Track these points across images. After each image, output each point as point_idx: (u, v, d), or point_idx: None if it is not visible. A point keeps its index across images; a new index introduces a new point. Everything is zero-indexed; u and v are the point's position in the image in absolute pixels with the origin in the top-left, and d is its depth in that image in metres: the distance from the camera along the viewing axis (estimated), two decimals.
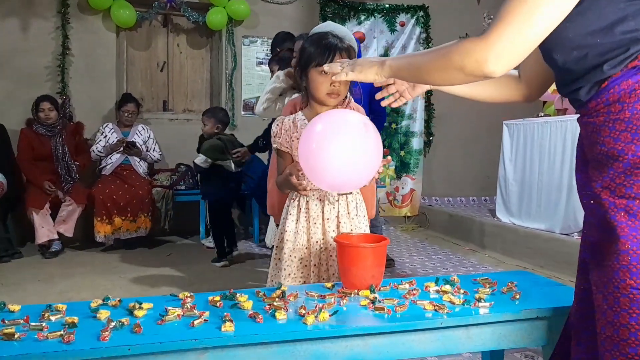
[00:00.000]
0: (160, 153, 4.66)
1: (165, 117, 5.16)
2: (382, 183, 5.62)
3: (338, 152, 1.33)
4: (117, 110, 4.58)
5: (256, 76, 5.26)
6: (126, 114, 4.50)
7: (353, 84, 3.61)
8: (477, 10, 5.82)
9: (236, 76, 5.17)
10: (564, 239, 3.67)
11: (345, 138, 1.34)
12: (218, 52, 5.23)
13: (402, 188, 5.68)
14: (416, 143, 5.69)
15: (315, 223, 1.55)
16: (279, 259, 1.61)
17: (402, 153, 5.69)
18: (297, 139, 1.57)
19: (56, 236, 4.03)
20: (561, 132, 3.85)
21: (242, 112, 5.22)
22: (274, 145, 1.61)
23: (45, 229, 3.96)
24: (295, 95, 2.39)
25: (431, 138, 5.81)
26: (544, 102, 4.79)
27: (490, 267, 3.76)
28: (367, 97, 3.70)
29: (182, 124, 5.16)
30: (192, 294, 1.32)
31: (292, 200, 1.59)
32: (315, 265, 1.57)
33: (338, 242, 1.41)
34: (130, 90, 4.99)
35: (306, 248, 1.58)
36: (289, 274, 1.56)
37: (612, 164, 0.97)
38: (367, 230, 1.67)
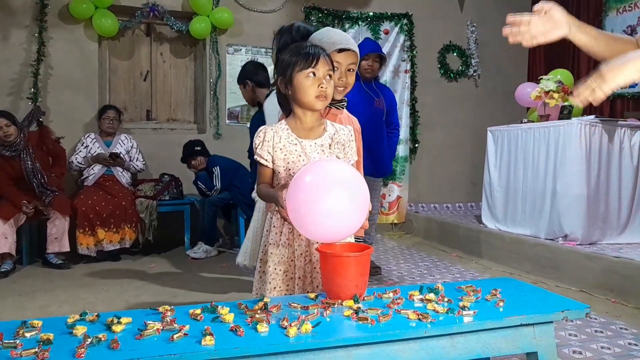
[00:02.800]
0: (143, 163, 4.61)
1: (148, 127, 5.11)
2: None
3: (326, 210, 1.32)
4: (98, 119, 4.52)
5: None
6: (107, 121, 4.43)
7: (376, 94, 3.65)
8: (460, 18, 5.90)
9: (220, 85, 5.15)
10: (549, 244, 3.69)
11: (334, 197, 1.34)
12: (202, 60, 5.21)
13: (389, 195, 5.69)
14: (402, 150, 5.71)
15: (299, 235, 1.53)
16: (264, 272, 1.58)
17: None
18: (281, 149, 1.55)
19: (11, 252, 3.76)
20: (544, 137, 3.89)
21: (227, 121, 5.20)
22: (255, 157, 1.59)
23: (8, 240, 3.73)
24: None
25: (417, 145, 5.83)
26: (528, 109, 4.84)
27: (477, 274, 3.77)
28: (386, 108, 3.73)
29: (166, 133, 5.12)
30: (172, 307, 1.30)
31: (275, 212, 1.57)
32: (299, 277, 1.55)
33: (321, 252, 1.39)
34: (112, 99, 4.94)
35: (291, 260, 1.56)
36: (274, 287, 1.53)
37: None
38: (352, 240, 1.65)
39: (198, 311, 1.27)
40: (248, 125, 5.16)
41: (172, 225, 4.68)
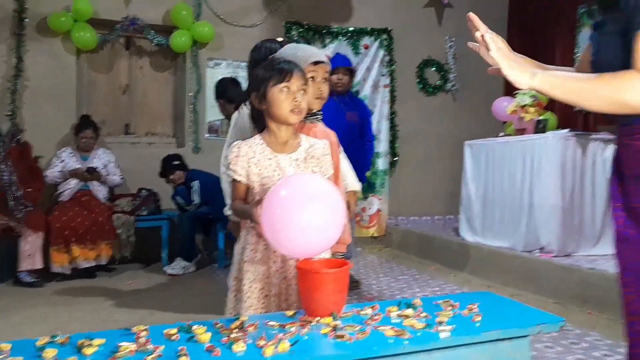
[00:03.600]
0: (121, 177, 4.55)
1: (127, 141, 5.06)
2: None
3: (302, 225, 1.32)
4: (74, 135, 4.45)
5: None
6: (83, 140, 4.37)
7: (349, 108, 3.66)
8: (438, 33, 6.00)
9: (200, 98, 5.13)
10: (526, 256, 3.74)
11: (309, 212, 1.33)
12: (182, 74, 5.19)
13: (369, 208, 5.71)
14: (382, 163, 5.75)
15: (274, 251, 1.52)
16: (239, 290, 1.56)
17: (367, 173, 5.72)
18: (255, 164, 1.55)
19: None
20: (520, 151, 3.96)
21: (206, 135, 5.17)
22: (229, 172, 1.58)
23: None
24: None
25: (396, 158, 5.88)
26: (504, 122, 4.93)
27: (456, 287, 3.79)
28: (360, 121, 3.78)
29: (145, 147, 5.07)
30: (146, 327, 1.27)
31: (250, 229, 1.56)
32: (275, 295, 1.53)
33: (299, 268, 1.38)
34: (91, 113, 4.87)
35: (267, 277, 1.54)
36: (250, 306, 1.52)
37: None
38: (329, 255, 1.65)
39: (173, 331, 1.24)
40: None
41: (150, 241, 4.61)
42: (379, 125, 5.73)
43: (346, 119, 3.66)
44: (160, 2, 4.92)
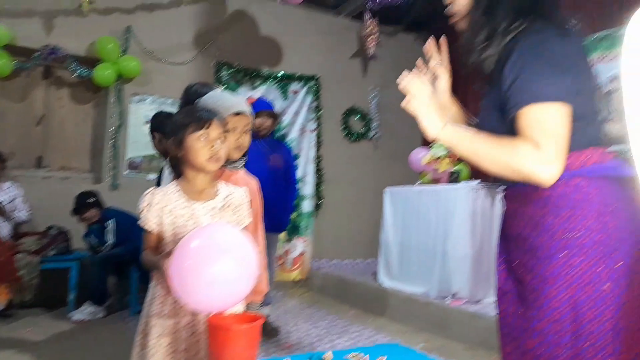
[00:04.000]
0: (28, 213, 4.25)
1: (38, 175, 4.76)
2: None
3: (211, 279, 1.29)
4: None
5: (144, 134, 5.08)
6: None
7: (271, 151, 3.62)
8: (363, 83, 6.29)
9: (121, 134, 4.97)
10: (439, 302, 3.89)
11: (220, 265, 1.30)
12: (104, 108, 5.02)
13: (293, 251, 5.71)
14: (307, 206, 5.82)
15: (182, 306, 1.49)
16: (144, 345, 1.50)
17: (293, 215, 5.77)
18: (169, 213, 1.52)
19: None
20: (435, 200, 4.17)
21: (126, 171, 4.99)
22: (140, 222, 1.54)
23: None
24: None
25: (321, 201, 5.97)
26: (421, 172, 5.18)
27: (372, 333, 3.84)
28: (284, 165, 3.78)
29: (58, 182, 4.79)
30: None
31: (158, 280, 1.52)
32: (184, 350, 1.48)
33: (209, 324, 1.35)
34: None
35: (175, 332, 1.49)
36: None
37: (522, 244, 1.20)
38: (242, 307, 1.63)
39: None
40: (148, 176, 5.01)
41: (56, 284, 4.29)
42: (305, 168, 5.83)
43: (269, 162, 3.69)
44: (86, 33, 4.79)
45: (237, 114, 1.79)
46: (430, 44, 1.45)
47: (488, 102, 1.29)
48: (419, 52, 6.36)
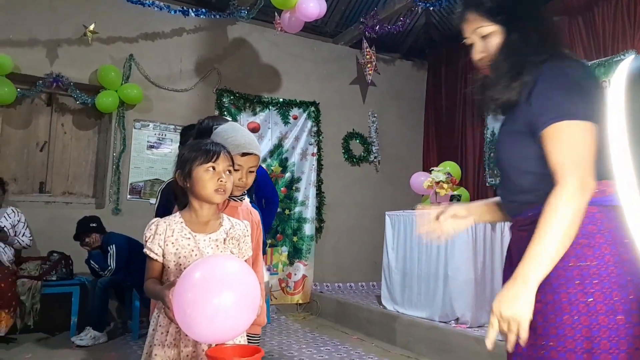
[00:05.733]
0: (30, 238, 4.26)
1: (41, 200, 4.79)
2: (275, 270, 5.60)
3: (214, 310, 1.30)
4: None
5: (146, 159, 5.14)
6: None
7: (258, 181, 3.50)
8: (362, 108, 6.36)
9: (124, 159, 5.01)
10: (442, 327, 3.87)
11: (222, 297, 1.31)
12: (106, 134, 5.07)
13: (295, 274, 5.70)
14: (308, 229, 5.82)
15: (186, 335, 1.49)
16: None
17: (294, 239, 5.78)
18: (172, 243, 1.54)
19: None
20: None
21: (129, 196, 5.02)
22: (144, 250, 1.56)
23: None
24: None
25: (322, 225, 5.98)
26: (422, 196, 5.21)
27: (376, 357, 3.82)
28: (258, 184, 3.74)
29: (61, 207, 4.82)
30: None
31: (162, 310, 1.53)
32: None
33: (208, 356, 1.36)
34: (1, 170, 4.59)
35: None
36: None
37: None
38: (243, 340, 1.64)
39: None
40: (150, 201, 5.03)
41: (58, 309, 4.29)
42: (307, 191, 5.85)
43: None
44: (88, 62, 4.86)
45: (244, 154, 1.79)
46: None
47: (510, 128, 1.33)
48: (416, 79, 6.52)
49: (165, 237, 1.53)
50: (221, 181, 1.53)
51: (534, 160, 1.24)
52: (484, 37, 1.35)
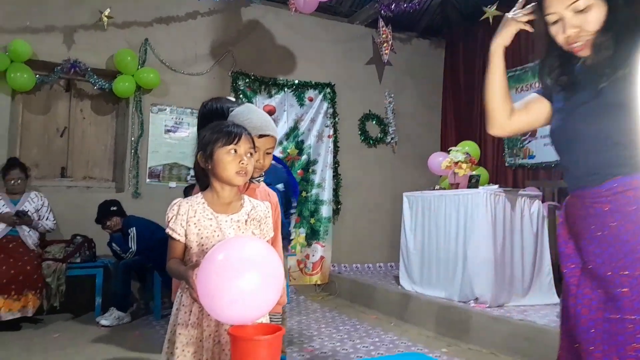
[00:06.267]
0: (54, 222, 4.35)
1: (62, 185, 4.88)
2: (292, 251, 5.64)
3: (238, 291, 1.31)
4: (2, 178, 4.24)
5: (164, 144, 5.18)
6: (11, 182, 4.16)
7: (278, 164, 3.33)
8: (379, 89, 6.29)
9: (142, 143, 5.06)
10: (461, 306, 3.87)
11: (246, 278, 1.32)
12: (124, 118, 5.12)
13: (312, 255, 5.74)
14: (325, 211, 5.84)
15: (209, 315, 1.51)
16: (172, 353, 1.53)
17: (312, 220, 5.80)
18: (195, 223, 1.55)
19: None
20: (455, 204, 4.15)
21: (148, 180, 5.08)
22: (167, 230, 1.56)
23: None
24: None
25: (339, 206, 5.98)
26: (440, 176, 5.16)
27: (395, 337, 3.84)
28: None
29: (82, 191, 4.90)
30: None
31: (185, 290, 1.55)
32: (209, 359, 1.51)
33: (231, 335, 1.38)
34: (23, 156, 4.68)
35: (200, 341, 1.52)
36: None
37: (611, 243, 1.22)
38: (266, 319, 1.65)
39: None
40: (170, 184, 5.09)
41: (82, 290, 4.39)
42: (323, 173, 5.85)
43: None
44: (105, 47, 4.89)
45: (261, 136, 1.80)
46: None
47: (605, 100, 1.29)
48: (434, 57, 6.41)
49: (188, 218, 1.54)
50: (242, 163, 1.54)
51: (629, 132, 1.23)
52: (581, 11, 1.27)
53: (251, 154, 1.58)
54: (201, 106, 2.13)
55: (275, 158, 3.41)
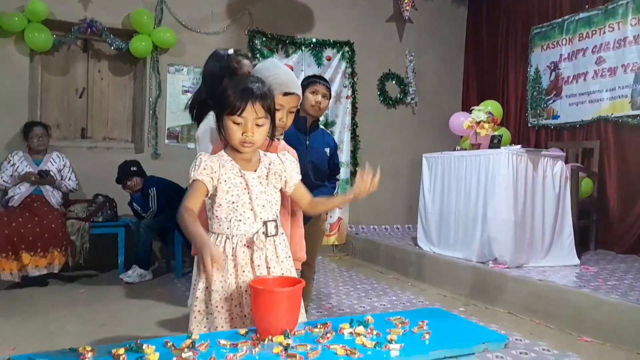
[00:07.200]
0: (76, 182, 4.42)
1: (83, 145, 4.92)
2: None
3: None
4: (25, 138, 4.29)
5: (181, 104, 5.16)
6: (36, 140, 4.22)
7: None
8: (399, 48, 6.13)
9: (160, 104, 5.05)
10: (480, 267, 3.86)
11: None
12: (142, 79, 5.10)
13: (330, 217, 5.75)
14: (343, 173, 5.81)
15: (244, 271, 1.51)
16: (201, 311, 1.54)
17: None
18: (225, 181, 1.52)
19: None
20: (475, 165, 4.09)
21: (166, 141, 5.10)
22: (194, 175, 1.50)
23: None
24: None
25: (357, 168, 5.94)
26: (461, 136, 5.07)
27: (412, 296, 3.87)
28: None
29: (102, 152, 4.95)
30: (93, 347, 1.25)
31: (217, 246, 1.52)
32: (245, 316, 1.52)
33: (252, 287, 1.39)
34: (44, 117, 4.72)
35: (235, 298, 1.53)
36: (217, 327, 1.49)
37: None
38: (295, 273, 1.67)
39: (121, 351, 1.22)
40: (188, 145, 5.10)
41: (105, 248, 4.50)
42: (341, 135, 5.80)
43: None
44: (121, 6, 4.83)
45: (286, 94, 1.76)
46: None
47: None
48: (456, 16, 6.21)
49: (219, 174, 1.52)
50: (246, 135, 1.50)
51: None
52: None
53: (258, 123, 1.52)
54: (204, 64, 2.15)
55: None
